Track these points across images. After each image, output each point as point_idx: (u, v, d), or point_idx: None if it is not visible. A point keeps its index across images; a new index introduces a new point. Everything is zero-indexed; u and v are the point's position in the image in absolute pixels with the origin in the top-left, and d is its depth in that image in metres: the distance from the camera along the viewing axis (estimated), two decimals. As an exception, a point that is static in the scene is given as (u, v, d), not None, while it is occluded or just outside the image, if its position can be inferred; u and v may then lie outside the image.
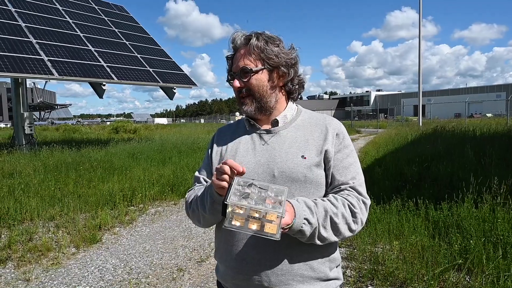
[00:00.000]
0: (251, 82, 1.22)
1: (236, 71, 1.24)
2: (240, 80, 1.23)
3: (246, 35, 1.24)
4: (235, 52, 1.27)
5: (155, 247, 4.18)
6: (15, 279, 3.36)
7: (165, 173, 7.43)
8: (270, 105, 1.26)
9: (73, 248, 4.13)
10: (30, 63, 10.16)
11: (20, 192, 5.69)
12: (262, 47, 1.21)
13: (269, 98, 1.25)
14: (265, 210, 0.93)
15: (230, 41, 1.27)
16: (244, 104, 1.25)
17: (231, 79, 1.27)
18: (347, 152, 1.24)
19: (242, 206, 0.93)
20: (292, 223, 1.02)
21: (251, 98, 1.24)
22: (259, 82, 1.23)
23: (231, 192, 0.96)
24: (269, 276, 1.15)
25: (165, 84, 13.45)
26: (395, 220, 4.10)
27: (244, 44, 1.24)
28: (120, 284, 3.25)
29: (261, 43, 1.21)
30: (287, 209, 1.01)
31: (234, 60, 1.26)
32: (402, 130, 16.05)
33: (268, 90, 1.24)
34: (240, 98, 1.27)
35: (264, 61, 1.22)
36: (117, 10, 17.49)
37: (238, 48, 1.26)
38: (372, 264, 3.34)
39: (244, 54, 1.23)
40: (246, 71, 1.21)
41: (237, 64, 1.24)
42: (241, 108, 1.27)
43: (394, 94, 72.66)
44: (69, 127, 30.11)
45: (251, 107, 1.25)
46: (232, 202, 0.94)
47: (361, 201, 1.18)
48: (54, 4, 14.14)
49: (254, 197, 0.96)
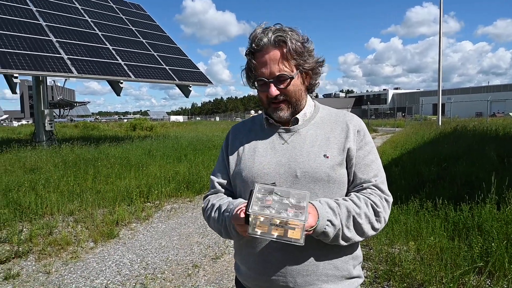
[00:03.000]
0: (289, 89, 1.16)
1: (271, 77, 1.14)
2: (277, 87, 1.15)
3: (276, 34, 1.13)
4: (259, 51, 1.15)
5: (170, 243, 4.23)
6: (36, 272, 3.45)
7: (181, 170, 7.51)
8: (302, 107, 1.24)
9: (91, 243, 4.22)
10: (50, 62, 10.41)
11: (41, 187, 5.84)
12: (299, 52, 1.14)
13: (303, 101, 1.23)
14: (287, 218, 0.93)
15: (252, 39, 1.15)
16: (280, 109, 1.18)
17: (261, 84, 1.17)
18: (368, 149, 1.22)
19: (264, 216, 0.94)
20: (315, 225, 1.01)
21: (287, 104, 1.18)
22: (296, 87, 1.17)
23: (252, 202, 0.95)
24: (294, 277, 1.14)
25: (181, 82, 13.56)
26: (413, 221, 4.02)
27: (274, 45, 1.13)
28: (137, 279, 3.30)
29: (298, 46, 1.14)
30: (310, 211, 1.00)
31: (261, 62, 1.15)
32: (420, 129, 15.74)
33: (302, 93, 1.21)
34: (273, 104, 1.18)
35: (299, 65, 1.16)
36: (134, 8, 17.72)
37: (263, 47, 1.13)
38: (389, 265, 3.28)
39: (279, 58, 1.13)
40: (286, 79, 1.14)
41: (269, 70, 1.13)
42: (274, 113, 1.19)
43: (413, 92, 71.32)
44: (88, 124, 30.73)
45: (287, 112, 1.19)
46: (254, 212, 0.94)
47: (383, 199, 1.16)
48: (73, 3, 14.43)
49: (276, 206, 0.96)
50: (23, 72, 9.60)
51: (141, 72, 12.55)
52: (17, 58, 9.76)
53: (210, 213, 1.23)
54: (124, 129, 25.92)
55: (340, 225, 1.06)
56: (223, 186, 1.30)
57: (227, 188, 1.30)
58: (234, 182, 1.27)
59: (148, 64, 13.37)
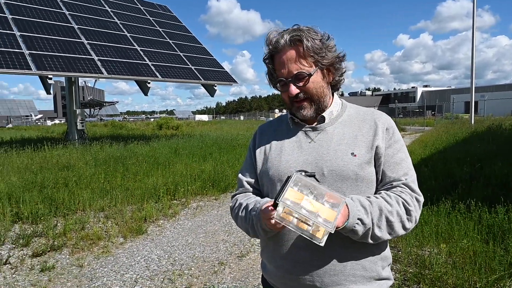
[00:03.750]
0: (308, 86, 1.16)
1: (289, 77, 1.15)
2: (296, 86, 1.16)
3: (292, 34, 1.14)
4: (276, 53, 1.17)
5: (197, 240, 4.29)
6: (70, 265, 3.60)
7: (206, 169, 7.60)
8: (326, 104, 1.23)
9: (121, 238, 4.34)
10: (82, 63, 10.81)
11: (74, 184, 6.08)
12: (316, 48, 1.14)
13: (325, 98, 1.22)
14: (315, 221, 0.92)
15: (269, 41, 1.17)
16: (302, 108, 1.19)
17: (282, 84, 1.18)
18: (398, 147, 1.19)
19: (292, 210, 0.93)
20: (343, 225, 1.00)
21: (309, 101, 1.18)
22: (316, 84, 1.17)
23: (285, 192, 0.94)
24: (321, 277, 1.13)
25: (206, 81, 13.73)
26: (444, 223, 3.89)
27: (290, 45, 1.14)
28: (165, 274, 3.37)
29: (315, 43, 1.14)
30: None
31: (279, 63, 1.17)
32: (451, 128, 15.20)
33: (324, 89, 1.20)
34: (295, 103, 1.19)
35: (317, 62, 1.16)
36: (161, 10, 18.10)
37: (280, 49, 1.15)
38: (418, 268, 3.19)
39: (295, 57, 1.14)
40: (304, 76, 1.15)
41: (287, 69, 1.15)
42: (298, 112, 1.20)
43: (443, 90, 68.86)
44: (116, 123, 31.70)
45: (310, 110, 1.19)
46: (284, 204, 0.93)
47: (414, 198, 1.14)
48: (103, 6, 14.90)
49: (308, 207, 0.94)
50: (57, 73, 10.02)
51: (167, 72, 12.80)
52: (51, 60, 10.19)
53: (238, 212, 1.25)
54: (151, 128, 26.53)
55: (371, 224, 1.05)
56: (251, 185, 1.31)
57: (254, 187, 1.31)
58: (261, 181, 1.27)
59: (174, 64, 13.62)
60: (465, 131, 12.47)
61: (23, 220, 4.74)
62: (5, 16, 10.92)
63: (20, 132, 24.35)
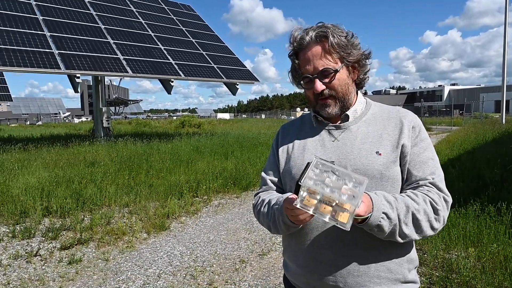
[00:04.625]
0: (334, 83, 1.15)
1: (315, 73, 1.14)
2: (321, 82, 1.14)
3: (317, 31, 1.13)
4: (301, 50, 1.16)
5: (218, 238, 4.33)
6: (96, 258, 3.70)
7: (228, 167, 7.65)
8: (350, 102, 1.21)
9: (144, 234, 4.44)
10: (108, 62, 11.11)
11: (99, 180, 6.25)
12: (342, 45, 1.13)
13: (350, 95, 1.20)
14: (338, 199, 0.89)
15: (293, 39, 1.17)
16: (327, 105, 1.17)
17: (307, 81, 1.17)
18: (424, 146, 1.16)
19: (316, 191, 0.91)
20: (366, 215, 0.97)
21: (333, 99, 1.17)
22: (341, 81, 1.16)
23: (306, 174, 0.93)
24: (344, 277, 1.11)
25: (228, 80, 13.81)
26: (472, 226, 3.75)
27: (316, 41, 1.13)
28: (187, 270, 3.42)
29: (341, 40, 1.13)
30: (364, 200, 0.96)
31: (304, 60, 1.16)
32: (480, 128, 14.65)
33: (349, 87, 1.19)
34: (320, 100, 1.18)
35: (343, 59, 1.15)
36: (184, 9, 18.33)
37: (305, 45, 1.14)
38: (445, 271, 3.10)
39: (321, 53, 1.13)
40: (330, 72, 1.13)
41: (313, 66, 1.14)
42: (322, 110, 1.18)
43: (472, 88, 66.46)
44: (140, 121, 32.40)
45: (335, 108, 1.18)
46: (306, 184, 0.91)
47: (442, 198, 1.10)
48: (129, 6, 15.24)
49: (330, 184, 0.92)
50: (84, 72, 10.33)
51: (190, 71, 12.96)
52: (79, 60, 10.52)
53: (260, 209, 1.24)
54: (173, 126, 26.94)
55: (397, 220, 1.02)
56: (274, 183, 1.31)
57: (277, 185, 1.30)
58: (284, 179, 1.27)
59: (197, 63, 13.77)
60: (495, 131, 11.99)
61: (52, 214, 4.92)
62: (36, 18, 11.34)
63: (49, 129, 25.29)
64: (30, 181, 5.91)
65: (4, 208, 4.88)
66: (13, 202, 5.03)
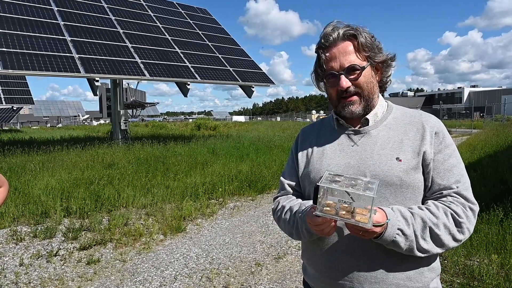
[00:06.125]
0: (360, 80, 1.13)
1: (341, 70, 1.13)
2: (348, 78, 1.13)
3: (345, 29, 1.14)
4: (327, 47, 1.15)
5: (234, 240, 4.33)
6: (114, 259, 3.76)
7: (243, 169, 7.66)
8: (374, 103, 1.20)
9: (161, 235, 4.48)
10: (126, 66, 11.31)
11: (117, 182, 6.36)
12: (370, 45, 1.14)
13: (374, 96, 1.19)
14: (356, 193, 0.92)
15: (322, 35, 1.17)
16: (351, 103, 1.15)
17: (331, 78, 1.15)
18: (449, 153, 1.12)
19: (334, 189, 0.95)
20: (383, 223, 0.97)
21: (358, 96, 1.15)
22: (367, 78, 1.15)
23: (322, 180, 0.98)
24: (361, 283, 1.10)
25: (244, 82, 13.85)
26: (495, 232, 3.64)
27: (343, 39, 1.13)
28: (203, 273, 3.43)
29: (367, 39, 1.13)
30: (378, 210, 0.98)
31: (330, 57, 1.14)
32: (502, 130, 14.23)
33: (374, 86, 1.18)
34: (343, 99, 1.16)
35: (369, 58, 1.14)
36: (201, 13, 18.51)
37: (332, 42, 1.14)
38: (467, 279, 3.01)
39: (348, 50, 1.13)
40: (356, 69, 1.12)
41: (339, 62, 1.12)
42: (345, 109, 1.16)
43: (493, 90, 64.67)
44: (157, 124, 32.84)
45: (359, 106, 1.16)
46: (324, 185, 0.95)
47: (468, 208, 1.07)
48: (146, 11, 15.50)
49: (345, 183, 0.97)
50: (103, 76, 10.55)
51: (206, 74, 13.06)
52: (98, 63, 10.75)
53: (281, 215, 1.24)
54: (189, 128, 27.20)
55: (414, 236, 1.00)
56: (292, 187, 1.30)
57: (296, 189, 1.30)
58: (303, 184, 1.26)
59: (213, 66, 13.87)
60: (518, 134, 11.63)
61: (72, 215, 5.02)
62: (58, 23, 11.65)
63: (69, 132, 25.92)
64: (50, 182, 6.06)
65: (25, 209, 5.01)
66: (34, 202, 5.17)
